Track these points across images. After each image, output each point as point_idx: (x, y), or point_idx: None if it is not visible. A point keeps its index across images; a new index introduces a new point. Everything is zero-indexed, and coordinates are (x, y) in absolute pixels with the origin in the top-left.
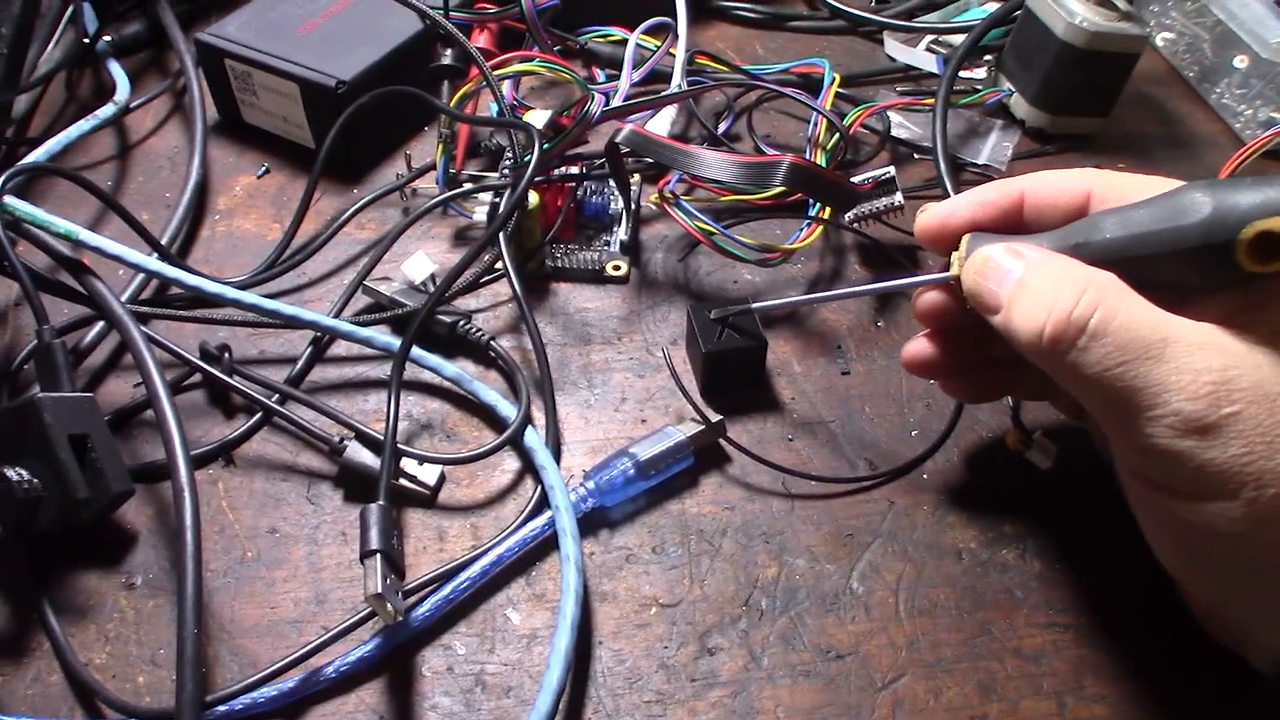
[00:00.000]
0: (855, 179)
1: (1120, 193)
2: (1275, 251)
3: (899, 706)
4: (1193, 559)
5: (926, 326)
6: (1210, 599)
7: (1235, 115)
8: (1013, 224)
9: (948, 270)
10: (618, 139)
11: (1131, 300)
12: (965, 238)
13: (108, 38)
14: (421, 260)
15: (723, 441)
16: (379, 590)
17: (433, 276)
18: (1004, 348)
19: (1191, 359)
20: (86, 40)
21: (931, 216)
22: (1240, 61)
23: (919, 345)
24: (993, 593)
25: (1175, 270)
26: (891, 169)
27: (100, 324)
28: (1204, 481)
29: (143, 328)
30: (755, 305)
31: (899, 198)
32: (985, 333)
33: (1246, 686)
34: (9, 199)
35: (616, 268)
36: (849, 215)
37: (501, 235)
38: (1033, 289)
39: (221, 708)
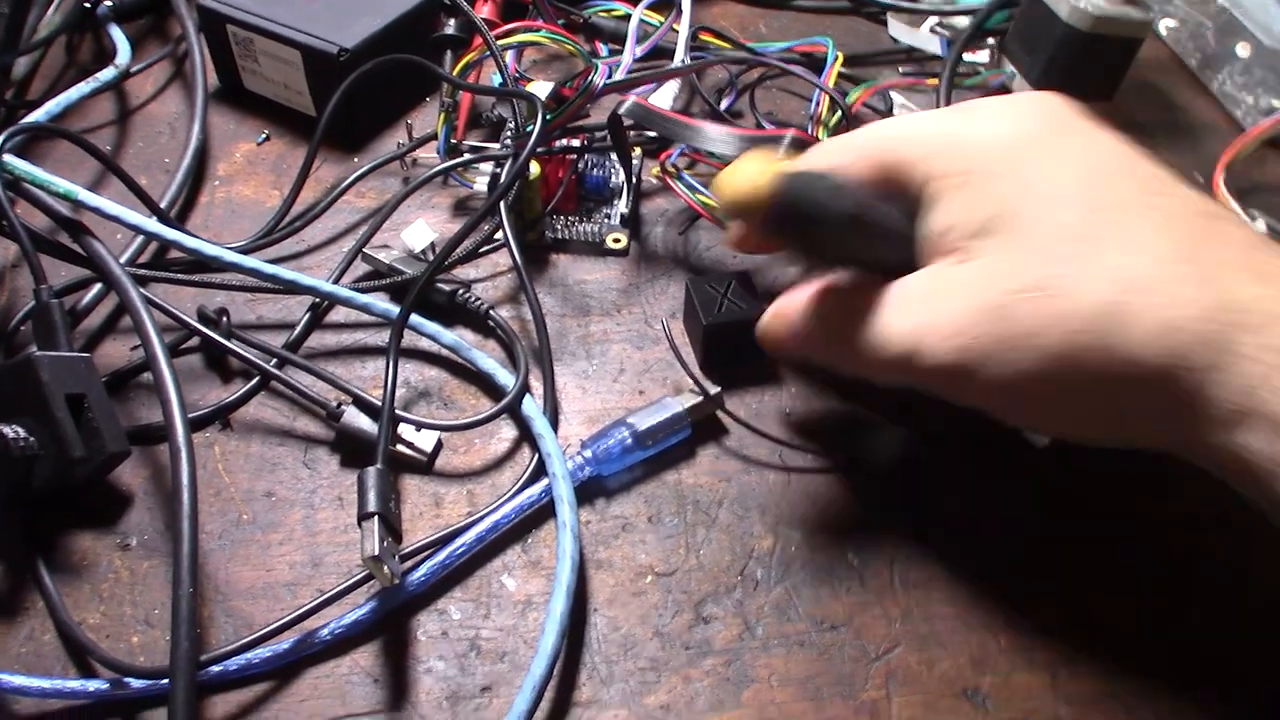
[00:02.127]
0: None
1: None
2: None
3: (892, 677)
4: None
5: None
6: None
7: (1237, 103)
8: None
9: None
10: (620, 111)
11: (875, 315)
12: None
13: (109, 2)
14: (421, 229)
15: (720, 414)
16: (376, 552)
17: (432, 245)
18: None
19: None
20: (87, 4)
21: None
22: (1243, 50)
23: None
24: (987, 566)
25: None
26: None
27: (98, 286)
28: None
29: (141, 290)
30: None
31: None
32: None
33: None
34: (8, 158)
35: (616, 240)
36: None
37: (502, 205)
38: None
39: (215, 668)
